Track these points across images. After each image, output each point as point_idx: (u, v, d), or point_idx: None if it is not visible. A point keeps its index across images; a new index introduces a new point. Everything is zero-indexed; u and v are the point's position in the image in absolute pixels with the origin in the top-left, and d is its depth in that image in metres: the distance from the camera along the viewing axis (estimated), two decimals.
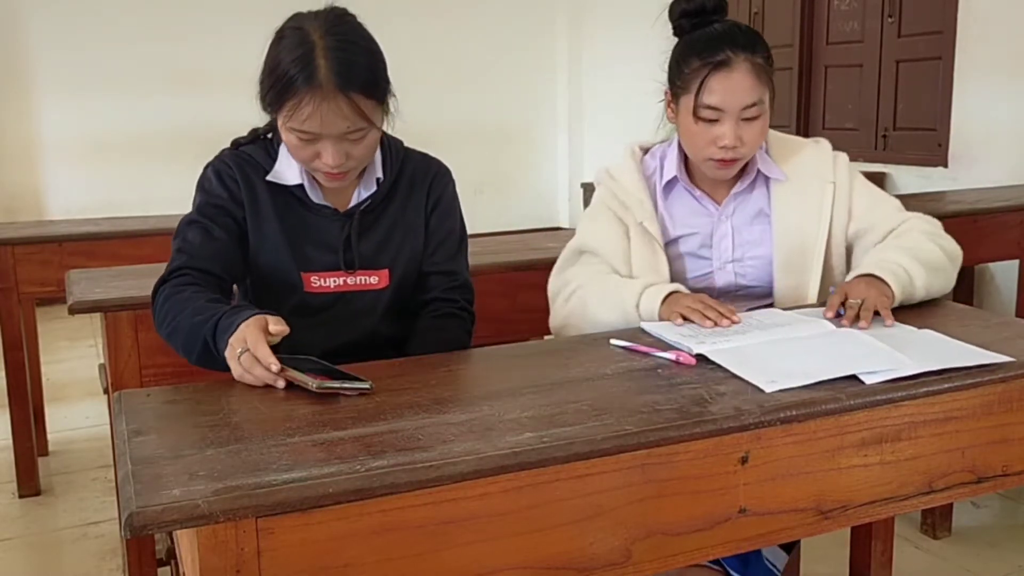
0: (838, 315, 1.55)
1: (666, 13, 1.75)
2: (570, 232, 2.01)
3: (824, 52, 4.75)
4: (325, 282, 1.61)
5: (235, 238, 1.59)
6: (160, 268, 2.23)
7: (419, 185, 1.69)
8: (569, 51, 6.65)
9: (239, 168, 1.60)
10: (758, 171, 1.74)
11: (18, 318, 2.90)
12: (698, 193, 1.76)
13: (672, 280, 1.72)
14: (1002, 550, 2.52)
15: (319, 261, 1.61)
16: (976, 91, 3.86)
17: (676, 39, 1.72)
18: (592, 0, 6.41)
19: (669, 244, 1.76)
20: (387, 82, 1.52)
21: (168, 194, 5.50)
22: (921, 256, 1.63)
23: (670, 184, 1.77)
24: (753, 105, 1.61)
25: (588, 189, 4.27)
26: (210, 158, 1.66)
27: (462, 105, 6.44)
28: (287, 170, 1.59)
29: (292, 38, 1.46)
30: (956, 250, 1.71)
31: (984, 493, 1.53)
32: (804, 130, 4.80)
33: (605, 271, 1.73)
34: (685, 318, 1.54)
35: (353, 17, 1.54)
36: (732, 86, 1.60)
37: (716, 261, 1.76)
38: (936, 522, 2.58)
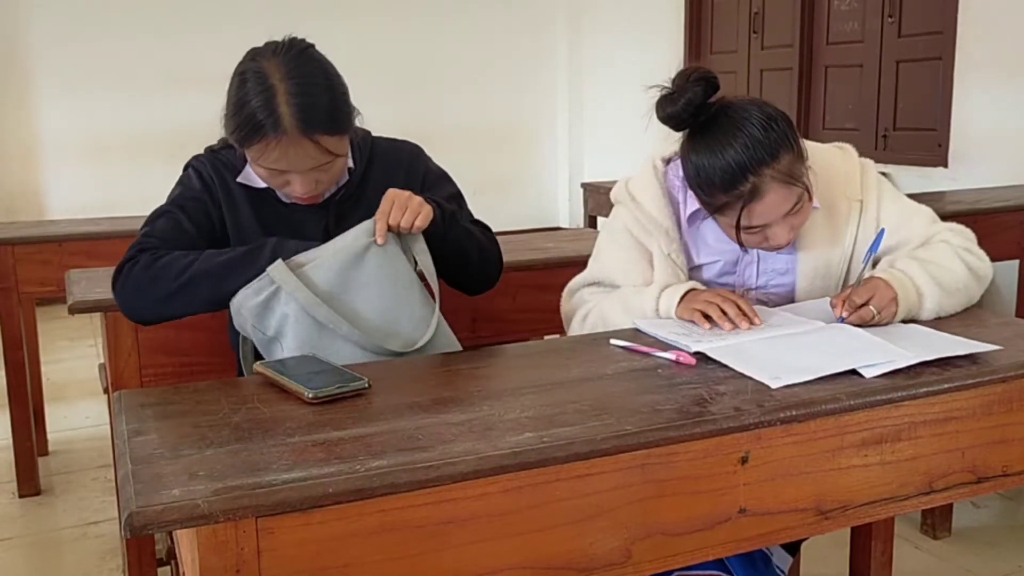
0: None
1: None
2: (570, 232, 2.00)
3: (824, 52, 4.75)
4: None
5: (205, 234, 1.61)
6: None
7: (394, 167, 1.70)
8: (569, 51, 6.65)
9: (214, 167, 1.64)
10: None
11: (18, 318, 2.90)
12: None
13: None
14: (1002, 550, 2.52)
15: (310, 243, 1.61)
16: (976, 91, 3.86)
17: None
18: (592, 0, 6.41)
19: (692, 270, 1.71)
20: (349, 112, 1.56)
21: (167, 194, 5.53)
22: (938, 274, 1.57)
23: (696, 212, 1.67)
24: (795, 206, 1.53)
25: (588, 189, 4.26)
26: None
27: (462, 105, 6.44)
28: (256, 175, 1.61)
29: (254, 82, 1.49)
30: (984, 267, 1.64)
31: (984, 493, 1.53)
32: (804, 130, 4.80)
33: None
34: (706, 316, 1.50)
35: (312, 49, 1.55)
36: (769, 209, 1.52)
37: (738, 288, 1.71)
38: (936, 522, 2.58)
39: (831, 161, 1.70)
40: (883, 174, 1.78)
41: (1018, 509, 2.79)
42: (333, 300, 1.48)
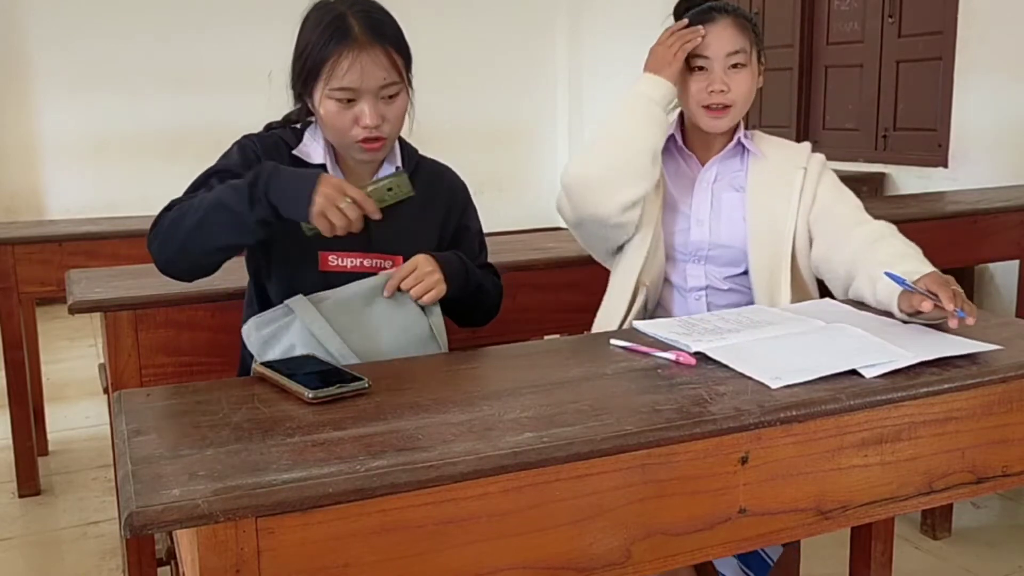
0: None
1: (670, 12, 1.91)
2: (570, 232, 2.02)
3: (824, 52, 4.75)
4: (342, 261, 1.64)
5: None
6: None
7: (437, 187, 1.76)
8: (569, 51, 6.65)
9: (262, 144, 1.66)
10: (739, 140, 1.86)
11: (18, 318, 2.90)
12: (686, 154, 1.89)
13: (655, 231, 1.84)
14: (1002, 550, 2.53)
15: (337, 240, 1.62)
16: (976, 91, 3.86)
17: None
18: (592, 0, 6.41)
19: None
20: (409, 54, 1.66)
21: (168, 194, 5.48)
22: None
23: (667, 145, 1.87)
24: (737, 52, 1.78)
25: None
26: (210, 158, 1.68)
27: (462, 105, 6.44)
28: (312, 149, 1.67)
29: (320, 13, 1.59)
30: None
31: (984, 493, 1.53)
32: (804, 130, 4.80)
33: None
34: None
35: None
36: (716, 34, 1.78)
37: (693, 217, 1.85)
38: (936, 522, 2.59)
39: (784, 142, 1.93)
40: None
41: (1018, 509, 2.80)
42: (342, 338, 1.52)
